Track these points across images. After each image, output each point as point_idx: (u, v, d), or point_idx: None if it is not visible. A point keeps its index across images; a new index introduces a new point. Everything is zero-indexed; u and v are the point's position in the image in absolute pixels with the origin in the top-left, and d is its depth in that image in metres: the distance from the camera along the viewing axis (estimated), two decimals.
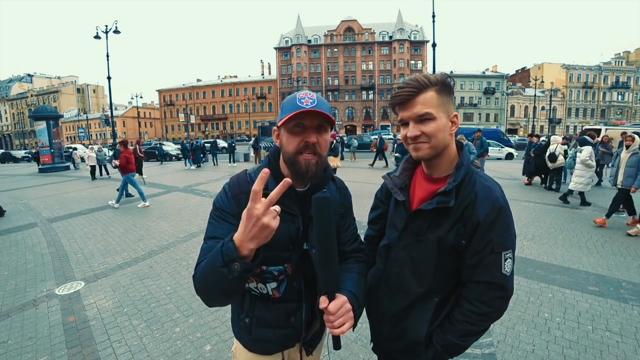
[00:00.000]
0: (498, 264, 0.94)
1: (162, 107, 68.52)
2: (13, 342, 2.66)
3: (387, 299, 1.10)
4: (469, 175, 0.98)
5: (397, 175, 1.12)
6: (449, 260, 0.99)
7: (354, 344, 2.51)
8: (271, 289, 1.01)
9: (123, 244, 5.00)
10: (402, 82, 0.97)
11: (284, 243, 0.98)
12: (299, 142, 0.92)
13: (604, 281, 3.51)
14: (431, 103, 0.93)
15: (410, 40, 53.94)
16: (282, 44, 57.50)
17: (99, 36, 17.14)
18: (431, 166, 1.02)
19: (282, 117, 0.93)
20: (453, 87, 0.99)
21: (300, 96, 0.93)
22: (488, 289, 0.95)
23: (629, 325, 2.72)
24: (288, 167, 0.96)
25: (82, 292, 3.49)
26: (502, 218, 0.93)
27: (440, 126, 0.93)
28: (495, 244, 0.93)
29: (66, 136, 56.40)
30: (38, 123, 17.43)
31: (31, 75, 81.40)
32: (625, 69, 56.88)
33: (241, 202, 0.94)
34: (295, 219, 0.99)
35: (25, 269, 4.16)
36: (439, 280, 1.02)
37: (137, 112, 54.78)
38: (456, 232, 0.95)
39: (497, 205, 0.93)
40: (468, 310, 0.97)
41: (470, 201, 0.94)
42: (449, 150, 0.99)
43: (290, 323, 1.05)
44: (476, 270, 0.96)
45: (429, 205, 0.97)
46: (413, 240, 1.03)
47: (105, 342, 2.61)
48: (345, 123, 54.58)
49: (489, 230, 0.92)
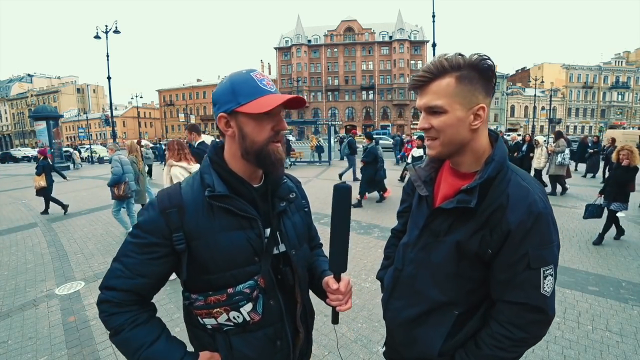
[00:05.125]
0: (535, 283, 0.78)
1: (162, 107, 68.50)
2: (13, 342, 2.66)
3: (403, 301, 1.01)
4: (503, 173, 0.83)
5: (422, 167, 1.01)
6: (472, 269, 0.87)
7: (354, 344, 2.51)
8: (247, 312, 0.84)
9: None
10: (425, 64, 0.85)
11: (245, 256, 0.84)
12: (270, 131, 0.82)
13: (604, 281, 3.51)
14: (444, 93, 0.80)
15: (410, 40, 53.90)
16: (282, 44, 57.47)
17: (99, 36, 17.11)
18: (454, 161, 0.91)
19: (242, 102, 0.79)
20: (490, 69, 0.81)
21: (257, 77, 0.81)
22: (523, 311, 0.81)
23: (629, 325, 2.72)
24: (255, 160, 0.83)
25: (82, 292, 3.49)
26: (540, 227, 0.78)
27: (451, 121, 0.81)
28: (531, 258, 0.78)
29: (66, 136, 56.40)
30: (38, 123, 17.41)
31: (31, 75, 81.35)
32: (625, 69, 56.85)
33: (170, 217, 0.80)
34: (254, 222, 0.84)
35: (25, 269, 4.16)
36: (460, 291, 0.89)
37: (137, 112, 54.64)
38: (480, 238, 0.82)
39: (535, 211, 0.77)
40: (499, 333, 0.82)
41: (501, 204, 0.80)
42: (474, 146, 0.85)
43: (277, 348, 0.91)
44: (508, 288, 0.81)
45: (449, 203, 0.85)
46: (433, 241, 0.92)
47: (105, 342, 2.60)
48: (345, 123, 54.52)
49: (523, 241, 0.78)
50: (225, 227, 0.82)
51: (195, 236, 0.81)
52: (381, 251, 5.08)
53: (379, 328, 2.72)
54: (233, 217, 0.83)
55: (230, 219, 0.83)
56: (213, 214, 0.82)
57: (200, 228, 0.81)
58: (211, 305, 0.83)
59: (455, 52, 0.82)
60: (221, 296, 0.83)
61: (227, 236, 0.82)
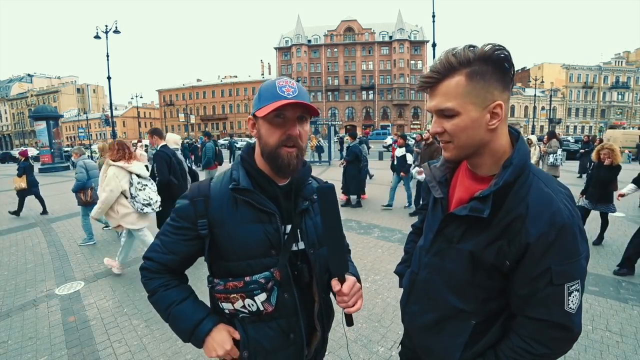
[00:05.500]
0: (559, 300, 0.72)
1: (162, 107, 68.48)
2: (13, 342, 2.66)
3: (419, 306, 0.97)
4: (524, 177, 0.76)
5: (437, 167, 0.95)
6: (488, 279, 0.81)
7: (354, 344, 2.51)
8: (261, 302, 0.90)
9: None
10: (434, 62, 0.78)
11: (262, 248, 0.90)
12: (281, 135, 0.86)
13: (604, 281, 3.51)
14: (455, 93, 0.73)
15: (410, 40, 53.88)
16: (282, 44, 57.48)
17: (99, 36, 17.12)
18: (472, 163, 0.84)
19: (260, 107, 0.85)
20: (505, 60, 0.72)
21: (280, 84, 0.86)
22: (545, 328, 0.75)
23: (629, 325, 2.72)
24: (268, 161, 0.90)
25: (82, 292, 3.49)
26: (564, 239, 0.70)
27: (465, 123, 0.74)
28: (554, 273, 0.71)
29: (66, 136, 56.37)
30: (38, 123, 17.39)
31: (31, 75, 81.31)
32: (625, 69, 56.84)
33: (197, 205, 0.90)
34: (273, 217, 0.90)
35: (25, 269, 4.16)
36: (477, 300, 0.84)
37: (137, 112, 54.69)
38: (497, 250, 0.76)
39: (558, 222, 0.70)
40: (520, 347, 0.77)
41: (520, 214, 0.73)
42: (492, 147, 0.78)
43: (291, 341, 0.95)
44: (529, 303, 0.76)
45: (462, 210, 0.79)
46: (447, 247, 0.87)
47: (105, 342, 2.61)
48: (345, 123, 54.51)
49: (544, 256, 0.71)
50: (246, 219, 0.90)
51: (218, 224, 0.90)
52: (381, 251, 5.11)
53: (379, 328, 2.72)
54: (254, 210, 0.90)
55: (251, 212, 0.90)
56: (237, 206, 0.90)
57: (224, 217, 0.90)
58: (229, 291, 0.90)
59: (465, 45, 0.74)
60: (239, 283, 0.89)
61: (247, 228, 0.89)
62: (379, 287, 3.41)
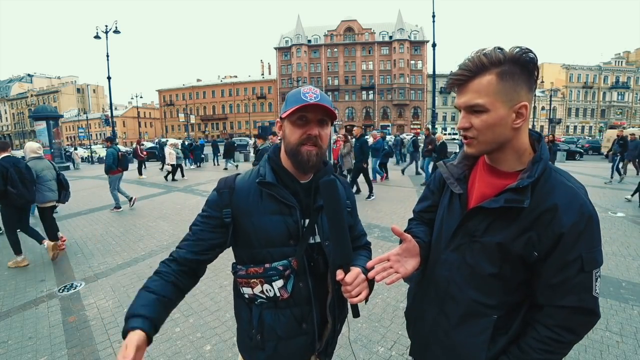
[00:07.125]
0: (589, 286, 0.77)
1: (162, 107, 68.52)
2: (13, 342, 2.66)
3: (435, 309, 0.96)
4: (547, 173, 0.81)
5: (454, 164, 0.97)
6: (513, 272, 0.83)
7: (354, 344, 2.51)
8: (278, 288, 0.97)
9: (123, 244, 5.00)
10: (463, 61, 0.81)
11: (282, 238, 0.98)
12: (302, 134, 0.95)
13: (604, 281, 3.50)
14: (486, 91, 0.77)
15: (410, 40, 53.89)
16: (282, 44, 57.48)
17: (99, 36, 17.12)
18: (493, 159, 0.87)
19: (286, 110, 0.96)
20: (532, 62, 0.76)
21: (304, 90, 0.96)
22: (575, 315, 0.79)
23: (629, 325, 2.71)
24: (290, 157, 0.99)
25: (82, 292, 3.49)
26: (591, 228, 0.77)
27: (494, 120, 0.78)
28: (585, 261, 0.76)
29: (66, 136, 56.40)
30: (38, 123, 17.38)
31: (31, 75, 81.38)
32: (625, 69, 56.86)
33: (223, 195, 1.00)
34: (293, 210, 0.98)
35: (25, 269, 4.16)
36: (498, 293, 0.86)
37: (137, 112, 54.60)
38: (526, 240, 0.79)
39: (586, 212, 0.76)
40: (548, 337, 0.80)
41: (552, 205, 0.77)
42: (515, 144, 0.83)
43: (303, 330, 1.01)
44: (559, 291, 0.79)
45: (494, 202, 0.81)
46: (468, 241, 0.89)
47: (105, 342, 2.61)
48: (346, 123, 54.52)
49: (576, 244, 0.76)
50: (269, 211, 0.98)
51: (242, 214, 0.99)
52: (381, 251, 5.12)
53: (379, 328, 2.72)
54: (277, 203, 0.99)
55: (274, 204, 0.99)
56: (262, 199, 0.99)
57: (250, 208, 0.99)
58: (250, 276, 0.99)
59: (494, 47, 0.78)
60: (259, 268, 0.98)
61: (269, 218, 0.98)
62: (379, 287, 3.41)
